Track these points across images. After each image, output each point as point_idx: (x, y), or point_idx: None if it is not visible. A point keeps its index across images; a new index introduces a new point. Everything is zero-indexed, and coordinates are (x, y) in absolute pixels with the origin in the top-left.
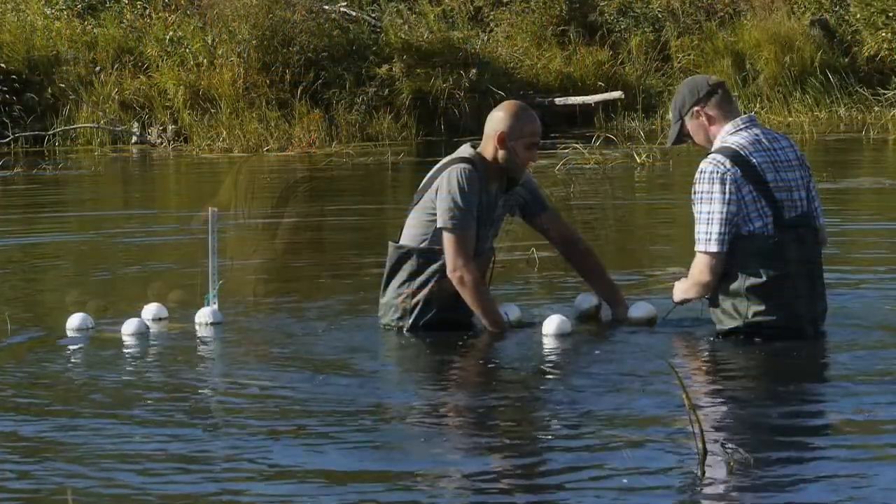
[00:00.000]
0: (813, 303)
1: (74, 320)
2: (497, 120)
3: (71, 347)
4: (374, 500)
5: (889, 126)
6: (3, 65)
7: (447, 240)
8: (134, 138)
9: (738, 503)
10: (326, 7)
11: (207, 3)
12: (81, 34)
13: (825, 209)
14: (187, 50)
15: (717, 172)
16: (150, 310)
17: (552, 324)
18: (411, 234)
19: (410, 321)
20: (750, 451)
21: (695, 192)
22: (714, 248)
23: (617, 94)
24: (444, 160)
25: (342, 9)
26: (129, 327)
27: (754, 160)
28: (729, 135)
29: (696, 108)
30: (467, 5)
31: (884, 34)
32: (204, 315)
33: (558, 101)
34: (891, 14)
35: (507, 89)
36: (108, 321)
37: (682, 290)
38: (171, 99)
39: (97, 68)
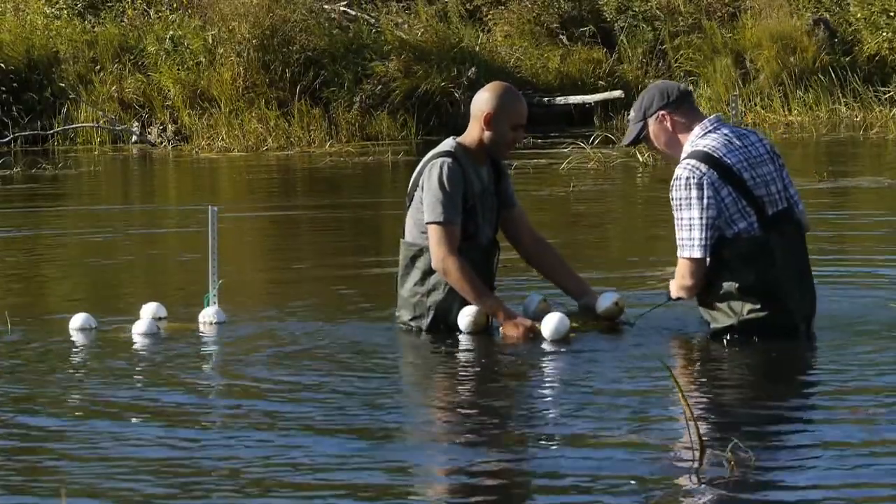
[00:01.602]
0: (804, 299)
1: (77, 320)
2: (483, 101)
3: (74, 348)
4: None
5: (889, 125)
6: (2, 65)
7: (431, 233)
8: (134, 138)
9: (737, 502)
10: (326, 6)
11: (208, 2)
12: (81, 33)
13: (825, 208)
14: (187, 49)
15: (694, 177)
16: (150, 309)
17: (550, 323)
18: (413, 231)
19: (428, 321)
20: (748, 449)
21: (673, 199)
22: (697, 253)
23: (617, 93)
24: (427, 155)
25: (342, 8)
26: (138, 327)
27: (728, 161)
28: (698, 138)
29: (662, 112)
30: (465, 4)
31: (884, 34)
32: (207, 315)
33: (557, 100)
34: (891, 13)
35: None
36: (111, 319)
37: (674, 292)
38: (171, 98)
39: (97, 67)
